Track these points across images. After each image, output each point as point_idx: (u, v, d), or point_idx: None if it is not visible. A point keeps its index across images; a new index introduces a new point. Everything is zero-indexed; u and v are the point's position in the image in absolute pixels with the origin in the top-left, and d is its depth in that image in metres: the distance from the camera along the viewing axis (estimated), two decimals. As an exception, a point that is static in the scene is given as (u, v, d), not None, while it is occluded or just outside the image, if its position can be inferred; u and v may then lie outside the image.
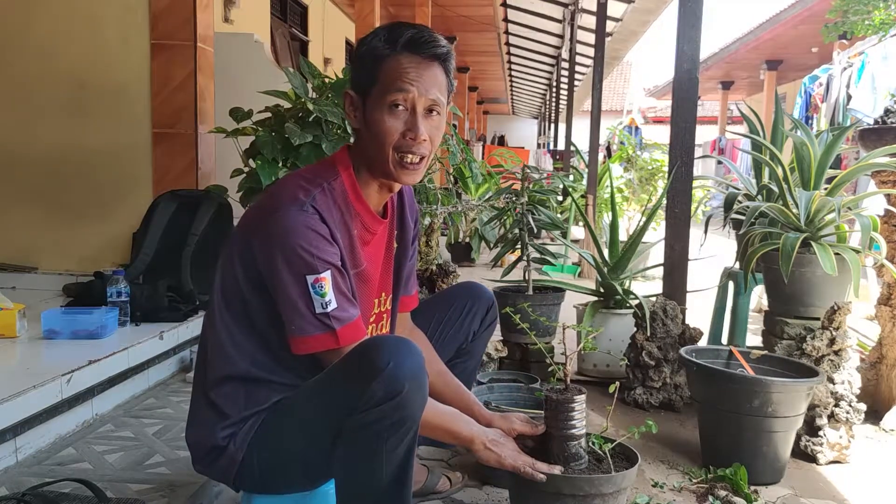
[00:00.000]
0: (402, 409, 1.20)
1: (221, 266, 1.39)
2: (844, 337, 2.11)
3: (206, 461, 1.40)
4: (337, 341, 1.29)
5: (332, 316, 1.29)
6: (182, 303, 2.91)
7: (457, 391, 1.64)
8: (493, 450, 1.42)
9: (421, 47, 1.36)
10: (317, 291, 1.28)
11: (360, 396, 1.19)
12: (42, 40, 3.57)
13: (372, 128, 1.37)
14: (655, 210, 3.00)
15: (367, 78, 1.37)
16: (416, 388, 1.21)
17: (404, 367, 1.19)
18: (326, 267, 1.28)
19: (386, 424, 1.20)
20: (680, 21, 2.62)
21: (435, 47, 1.37)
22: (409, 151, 1.36)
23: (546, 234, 5.36)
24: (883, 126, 2.50)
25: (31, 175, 3.63)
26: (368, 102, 1.38)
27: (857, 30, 7.81)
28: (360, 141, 1.42)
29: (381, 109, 1.35)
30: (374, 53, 1.37)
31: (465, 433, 1.42)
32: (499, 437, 1.45)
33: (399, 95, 1.34)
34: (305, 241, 1.28)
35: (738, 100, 15.82)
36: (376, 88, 1.36)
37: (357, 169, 1.42)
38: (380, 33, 1.39)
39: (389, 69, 1.35)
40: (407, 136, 1.35)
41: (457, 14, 9.73)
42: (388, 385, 1.18)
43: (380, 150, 1.37)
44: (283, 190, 1.35)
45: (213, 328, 1.38)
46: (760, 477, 1.93)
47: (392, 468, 1.24)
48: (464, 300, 1.79)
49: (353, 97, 1.41)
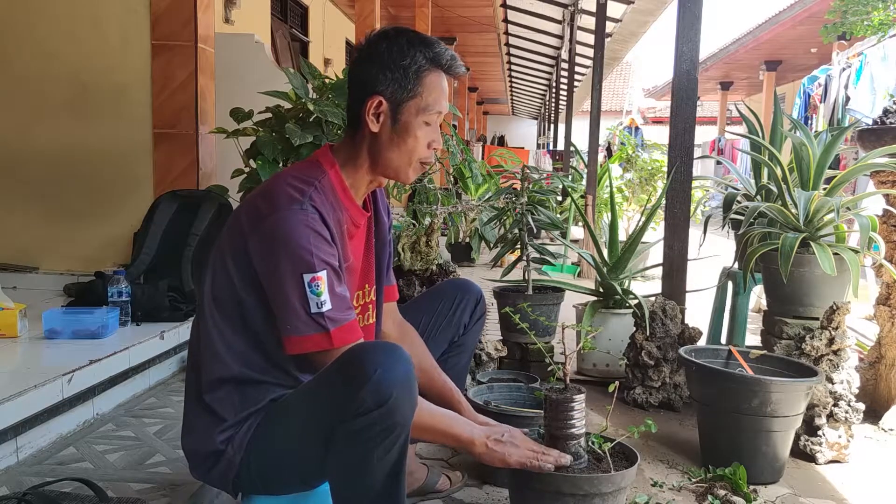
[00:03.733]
0: (390, 416, 1.20)
1: (212, 268, 1.39)
2: (843, 337, 2.12)
3: (205, 467, 1.40)
4: (331, 342, 1.29)
5: (327, 317, 1.29)
6: (183, 303, 2.92)
7: (441, 390, 1.64)
8: (495, 449, 1.40)
9: (455, 70, 1.45)
10: (313, 290, 1.28)
11: (350, 404, 1.20)
12: (43, 41, 3.58)
13: (403, 137, 1.41)
14: (655, 210, 3.00)
15: (407, 89, 1.39)
16: (405, 395, 1.21)
17: (392, 374, 1.19)
18: (323, 266, 1.29)
19: (376, 431, 1.20)
20: (679, 22, 2.63)
21: (461, 68, 1.46)
22: (428, 160, 1.45)
23: (546, 234, 5.38)
24: (882, 126, 2.51)
25: (33, 175, 3.63)
26: (402, 113, 1.40)
27: (856, 30, 7.82)
28: (374, 144, 1.42)
29: (416, 123, 1.41)
30: (419, 68, 1.40)
31: (464, 435, 1.40)
32: (500, 433, 1.43)
33: (437, 116, 1.43)
34: (305, 240, 1.28)
35: (738, 100, 15.82)
36: (414, 102, 1.40)
37: (345, 165, 1.44)
38: (418, 46, 1.40)
39: (432, 87, 1.41)
40: (431, 147, 1.44)
41: (457, 15, 9.74)
42: (376, 393, 1.18)
43: (405, 158, 1.43)
44: (275, 191, 1.34)
45: (205, 331, 1.38)
46: (760, 476, 1.93)
47: (383, 473, 1.24)
48: (453, 294, 1.83)
49: (382, 102, 1.40)
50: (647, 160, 6.50)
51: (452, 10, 9.53)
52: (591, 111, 6.22)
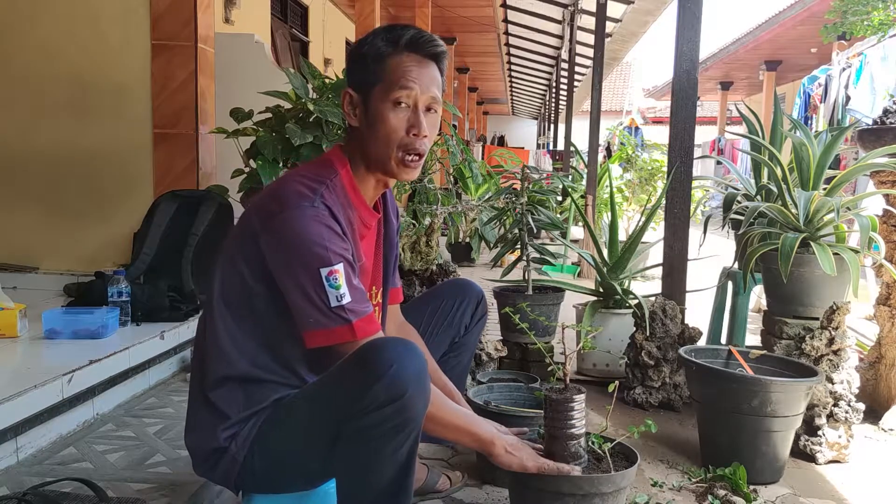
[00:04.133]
0: (404, 412, 1.20)
1: (222, 268, 1.39)
2: (843, 337, 2.12)
3: (208, 464, 1.40)
4: (354, 334, 1.30)
5: (348, 309, 1.29)
6: (183, 303, 2.92)
7: (442, 391, 1.64)
8: (514, 454, 1.40)
9: (422, 47, 1.40)
10: (331, 284, 1.28)
11: (363, 399, 1.20)
12: (43, 41, 3.58)
13: (375, 125, 1.39)
14: (655, 210, 3.00)
15: (369, 76, 1.39)
16: (419, 392, 1.22)
17: (407, 370, 1.20)
18: (339, 260, 1.29)
19: (388, 427, 1.20)
20: (679, 22, 2.63)
21: (434, 46, 1.41)
22: (411, 148, 1.39)
23: (546, 234, 5.38)
24: (882, 126, 2.51)
25: (32, 175, 3.63)
26: (371, 101, 1.39)
27: (856, 30, 7.82)
28: (360, 139, 1.43)
29: (384, 107, 1.38)
30: (377, 52, 1.39)
31: (485, 435, 1.40)
32: (516, 441, 1.44)
33: (403, 93, 1.37)
34: (318, 236, 1.29)
35: (738, 100, 15.82)
36: (379, 87, 1.38)
37: (353, 166, 1.43)
38: (380, 33, 1.41)
39: (392, 68, 1.38)
40: (410, 133, 1.38)
41: (457, 14, 9.73)
42: (390, 388, 1.18)
43: (384, 148, 1.39)
44: (286, 189, 1.35)
45: (213, 329, 1.38)
46: (759, 476, 1.93)
47: (393, 470, 1.24)
48: (454, 295, 1.83)
49: (352, 96, 1.42)
50: (646, 160, 6.50)
51: (452, 10, 9.53)
52: (591, 111, 6.21)
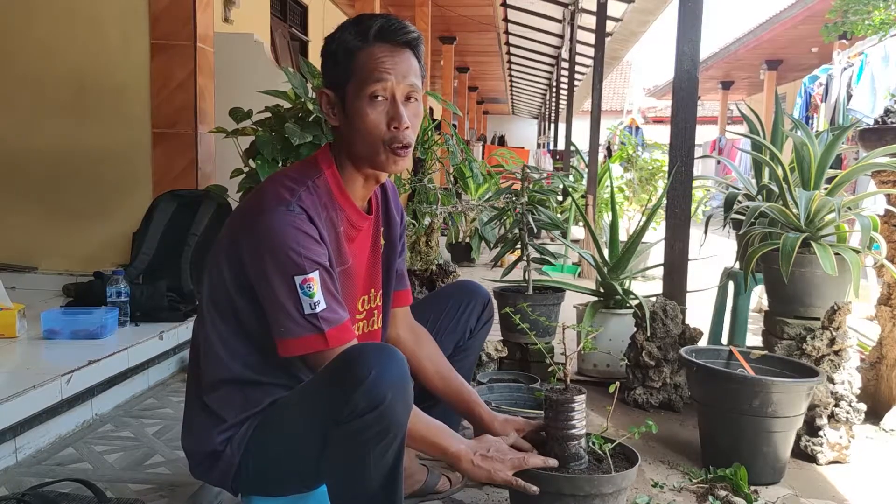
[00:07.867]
0: (385, 418, 1.18)
1: (209, 269, 1.38)
2: (844, 337, 2.11)
3: (204, 467, 1.40)
4: (326, 343, 1.28)
5: (321, 317, 1.28)
6: (182, 303, 2.91)
7: (458, 392, 1.63)
8: (482, 466, 1.37)
9: (392, 35, 1.35)
10: (305, 292, 1.26)
11: (344, 407, 1.18)
12: (42, 40, 3.57)
13: (355, 123, 1.35)
14: (655, 210, 2.99)
15: (341, 73, 1.36)
16: (400, 397, 1.20)
17: (386, 376, 1.18)
18: (315, 267, 1.27)
19: (371, 434, 1.19)
20: (680, 21, 2.62)
21: (406, 34, 1.37)
22: (396, 141, 1.35)
23: (546, 234, 5.37)
24: (883, 126, 2.50)
25: (32, 175, 3.63)
26: (347, 98, 1.36)
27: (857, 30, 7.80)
28: (343, 137, 1.40)
29: (361, 103, 1.34)
30: (346, 47, 1.35)
31: (452, 449, 1.37)
32: (486, 448, 1.40)
33: (378, 86, 1.33)
34: (293, 242, 1.27)
35: (738, 100, 15.80)
36: (353, 83, 1.35)
37: (340, 165, 1.41)
38: (348, 27, 1.37)
39: (364, 61, 1.34)
40: (391, 126, 1.34)
41: (457, 14, 9.73)
42: (370, 395, 1.17)
43: (368, 145, 1.36)
44: (267, 191, 1.34)
45: (204, 332, 1.38)
46: (760, 477, 1.93)
47: (380, 476, 1.23)
48: (460, 298, 1.80)
49: (329, 95, 1.39)
50: (647, 160, 6.50)
51: (452, 9, 9.53)
52: (592, 111, 6.21)
